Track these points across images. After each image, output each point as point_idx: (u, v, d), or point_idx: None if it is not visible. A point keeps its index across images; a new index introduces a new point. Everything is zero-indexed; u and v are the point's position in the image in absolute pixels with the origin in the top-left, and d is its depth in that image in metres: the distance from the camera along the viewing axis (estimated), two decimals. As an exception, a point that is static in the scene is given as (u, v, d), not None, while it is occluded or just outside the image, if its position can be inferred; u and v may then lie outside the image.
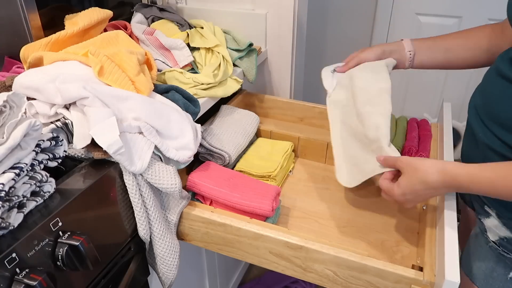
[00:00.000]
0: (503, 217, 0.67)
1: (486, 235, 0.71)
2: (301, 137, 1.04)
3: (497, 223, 0.68)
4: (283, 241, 0.69)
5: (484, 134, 0.68)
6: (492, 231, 0.69)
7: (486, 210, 0.71)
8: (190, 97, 0.85)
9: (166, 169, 0.68)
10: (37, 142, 0.53)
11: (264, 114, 1.20)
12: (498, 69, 0.67)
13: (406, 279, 0.62)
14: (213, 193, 0.80)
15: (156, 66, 0.92)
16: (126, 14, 1.11)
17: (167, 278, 0.76)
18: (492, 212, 0.69)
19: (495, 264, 0.69)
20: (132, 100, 0.69)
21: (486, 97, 0.70)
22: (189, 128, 0.75)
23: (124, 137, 0.64)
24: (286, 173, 1.00)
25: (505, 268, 0.68)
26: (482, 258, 0.72)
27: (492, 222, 0.69)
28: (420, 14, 2.09)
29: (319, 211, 0.88)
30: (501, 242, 0.68)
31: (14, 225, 0.50)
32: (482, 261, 0.72)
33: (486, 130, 0.67)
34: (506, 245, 0.67)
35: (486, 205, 0.70)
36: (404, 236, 0.80)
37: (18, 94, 0.54)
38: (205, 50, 1.05)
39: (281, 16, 1.18)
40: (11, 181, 0.48)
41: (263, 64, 1.28)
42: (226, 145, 0.91)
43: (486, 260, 0.71)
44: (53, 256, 0.54)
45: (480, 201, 0.72)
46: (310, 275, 0.70)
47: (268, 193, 0.79)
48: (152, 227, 0.70)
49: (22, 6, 0.80)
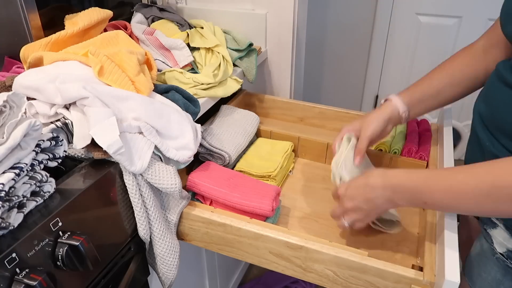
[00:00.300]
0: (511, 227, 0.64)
1: (493, 246, 0.68)
2: (301, 137, 1.04)
3: (506, 235, 0.65)
4: (283, 241, 0.69)
5: (492, 144, 0.65)
6: (500, 242, 0.66)
7: (492, 220, 0.67)
8: (190, 97, 0.85)
9: (166, 169, 0.68)
10: (37, 142, 0.53)
11: (264, 114, 1.20)
12: (502, 77, 0.64)
13: (406, 279, 0.62)
14: (213, 193, 0.80)
15: (156, 66, 0.92)
16: (126, 14, 1.11)
17: (167, 278, 0.76)
18: (500, 223, 0.66)
19: (502, 276, 0.67)
20: (132, 100, 0.69)
21: (491, 106, 0.66)
22: (189, 128, 0.75)
23: (124, 137, 0.64)
24: (286, 173, 1.00)
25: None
26: (488, 270, 0.69)
27: (499, 233, 0.66)
28: (420, 14, 2.10)
29: (319, 211, 0.88)
30: (509, 254, 0.65)
31: (14, 225, 0.50)
32: (488, 273, 0.69)
33: (494, 141, 0.64)
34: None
35: None
36: (404, 236, 0.80)
37: (18, 94, 0.54)
38: (205, 50, 1.05)
39: (281, 16, 1.18)
40: (11, 181, 0.48)
41: (263, 64, 1.28)
42: (226, 145, 0.91)
43: (492, 272, 0.68)
44: (53, 256, 0.54)
45: None
46: (310, 275, 0.70)
47: (268, 193, 0.79)
48: (152, 227, 0.70)
49: (22, 6, 0.80)
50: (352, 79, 2.43)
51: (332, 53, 2.40)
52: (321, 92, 2.54)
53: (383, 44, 2.25)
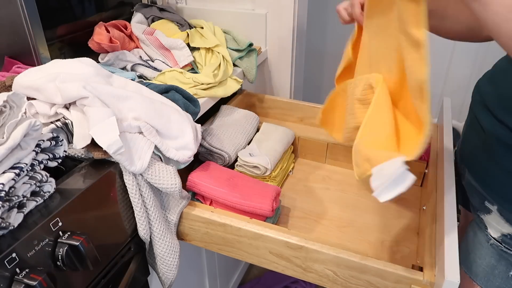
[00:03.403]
0: (506, 212, 0.66)
1: (487, 232, 0.70)
2: (301, 137, 1.04)
3: (500, 220, 0.67)
4: (283, 241, 0.69)
5: (492, 125, 0.66)
6: (494, 227, 0.69)
7: (486, 206, 0.70)
8: (190, 97, 0.85)
9: (166, 169, 0.68)
10: (37, 142, 0.53)
11: (264, 114, 1.20)
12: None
13: (406, 279, 0.62)
14: (213, 193, 0.80)
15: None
16: (126, 14, 1.11)
17: (167, 278, 0.76)
18: (493, 208, 0.68)
19: (496, 261, 0.69)
20: (132, 100, 0.69)
21: (499, 86, 0.67)
22: (189, 128, 0.75)
23: (124, 137, 0.64)
24: (286, 173, 1.00)
25: (507, 266, 0.68)
26: (483, 256, 0.71)
27: (493, 218, 0.69)
28: (420, 14, 2.09)
29: (319, 211, 0.88)
30: (503, 239, 0.67)
31: (14, 225, 0.50)
32: (482, 259, 0.71)
33: (495, 122, 0.65)
34: (510, 242, 0.66)
35: (487, 200, 0.70)
36: (404, 236, 0.80)
37: (18, 94, 0.54)
38: (205, 50, 1.05)
39: (281, 16, 1.18)
40: (11, 181, 0.48)
41: (263, 64, 1.28)
42: (226, 145, 0.91)
43: (487, 257, 0.70)
44: (53, 256, 0.54)
45: (480, 196, 0.71)
46: (310, 275, 0.70)
47: (268, 193, 0.79)
48: (152, 227, 0.70)
49: (22, 6, 0.80)
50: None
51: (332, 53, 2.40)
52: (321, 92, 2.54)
53: (383, 44, 2.24)
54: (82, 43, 0.96)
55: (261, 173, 0.89)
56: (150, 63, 1.01)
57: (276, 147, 0.94)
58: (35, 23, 0.83)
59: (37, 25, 0.84)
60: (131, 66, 0.98)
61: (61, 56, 0.92)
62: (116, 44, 0.96)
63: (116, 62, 0.97)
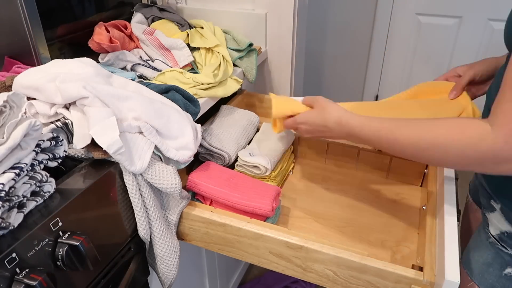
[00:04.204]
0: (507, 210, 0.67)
1: (487, 229, 0.71)
2: (301, 137, 1.04)
3: (500, 218, 0.68)
4: (283, 241, 0.69)
5: None
6: (494, 225, 0.69)
7: (491, 204, 0.70)
8: (190, 97, 0.85)
9: (166, 169, 0.68)
10: (37, 142, 0.53)
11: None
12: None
13: (406, 279, 0.62)
14: (213, 193, 0.80)
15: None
16: (126, 14, 1.11)
17: (167, 278, 0.76)
18: (497, 206, 0.69)
19: (492, 259, 0.69)
20: (132, 100, 0.69)
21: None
22: (189, 128, 0.75)
23: (124, 137, 0.64)
24: (286, 173, 1.00)
25: (501, 264, 0.68)
26: (481, 253, 0.72)
27: (495, 216, 0.69)
28: (420, 14, 2.10)
29: (319, 211, 0.88)
30: (501, 236, 0.68)
31: (14, 225, 0.50)
32: (480, 256, 0.72)
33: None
34: (506, 239, 0.67)
35: (493, 199, 0.70)
36: (404, 236, 0.80)
37: (18, 94, 0.54)
38: (205, 50, 1.05)
39: (281, 16, 1.18)
40: (11, 181, 0.48)
41: (263, 64, 1.28)
42: (226, 145, 0.91)
43: (484, 255, 0.71)
44: (53, 256, 0.54)
45: (487, 195, 0.72)
46: (310, 275, 0.70)
47: (268, 193, 0.79)
48: (152, 227, 0.70)
49: (22, 6, 0.80)
50: (352, 79, 2.43)
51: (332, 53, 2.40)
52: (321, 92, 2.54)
53: (383, 44, 2.25)
54: (82, 43, 0.96)
55: (261, 173, 0.89)
56: (150, 63, 1.01)
57: (276, 147, 0.94)
58: (35, 23, 0.83)
59: (37, 25, 0.84)
60: (131, 66, 0.98)
61: (61, 56, 0.92)
62: (116, 44, 0.96)
63: (116, 62, 0.97)
